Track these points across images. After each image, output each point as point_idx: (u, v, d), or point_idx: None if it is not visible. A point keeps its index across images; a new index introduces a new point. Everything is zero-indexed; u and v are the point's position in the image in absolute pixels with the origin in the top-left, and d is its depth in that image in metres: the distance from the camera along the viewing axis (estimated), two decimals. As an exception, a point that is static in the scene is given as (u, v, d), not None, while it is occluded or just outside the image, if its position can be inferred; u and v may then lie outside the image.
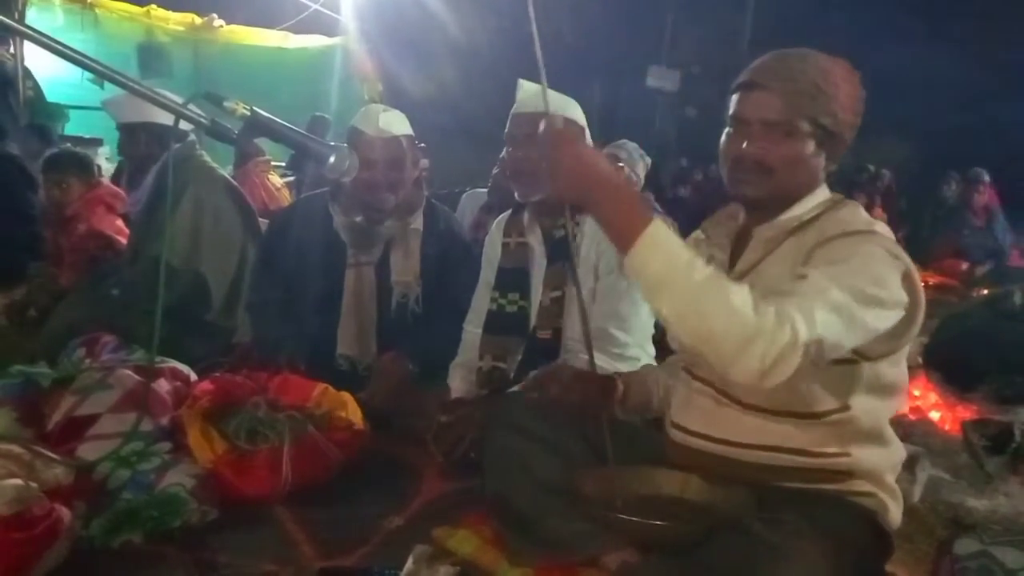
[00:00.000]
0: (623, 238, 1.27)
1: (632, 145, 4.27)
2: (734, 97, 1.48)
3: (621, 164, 4.06)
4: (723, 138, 1.50)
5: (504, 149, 2.99)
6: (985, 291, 5.23)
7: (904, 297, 1.33)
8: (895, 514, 1.46)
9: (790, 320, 1.20)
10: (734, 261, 1.53)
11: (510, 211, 2.46)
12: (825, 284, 1.25)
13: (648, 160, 4.34)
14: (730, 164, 1.48)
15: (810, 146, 1.43)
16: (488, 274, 2.44)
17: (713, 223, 1.66)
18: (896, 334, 1.36)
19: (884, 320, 1.31)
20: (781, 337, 1.19)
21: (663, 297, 1.25)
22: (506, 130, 2.28)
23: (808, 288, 1.26)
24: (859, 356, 1.37)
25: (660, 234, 1.25)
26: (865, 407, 1.41)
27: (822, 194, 1.51)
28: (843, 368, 1.38)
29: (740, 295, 1.22)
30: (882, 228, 1.42)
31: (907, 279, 1.34)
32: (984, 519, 2.04)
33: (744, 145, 1.45)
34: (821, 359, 1.25)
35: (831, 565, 1.20)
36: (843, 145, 1.47)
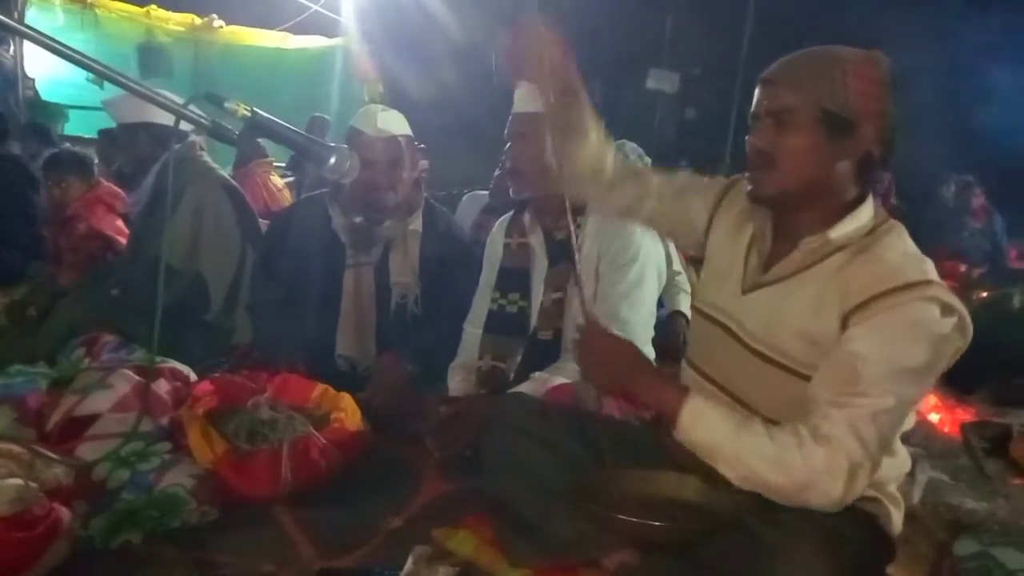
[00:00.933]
0: (666, 415, 1.40)
1: (631, 145, 4.26)
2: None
3: None
4: None
5: (503, 150, 2.99)
6: (984, 293, 5.23)
7: (951, 356, 1.34)
8: (896, 519, 1.45)
9: (842, 450, 1.25)
10: (772, 259, 1.48)
11: (512, 212, 2.46)
12: (876, 396, 1.26)
13: (648, 161, 4.34)
14: (747, 163, 1.46)
15: (818, 136, 1.35)
16: (489, 274, 2.44)
17: (739, 206, 1.60)
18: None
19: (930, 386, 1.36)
20: (838, 472, 1.24)
21: (717, 462, 1.34)
22: (506, 130, 2.29)
23: (860, 407, 1.26)
24: None
25: (695, 411, 1.36)
26: None
27: (867, 211, 1.41)
28: None
29: (783, 446, 1.28)
30: (932, 271, 1.33)
31: (959, 327, 1.31)
32: (984, 521, 2.04)
33: (751, 138, 1.43)
34: (879, 462, 1.30)
35: (830, 565, 1.20)
36: (863, 139, 1.35)
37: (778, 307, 1.41)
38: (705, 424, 1.35)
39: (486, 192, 3.87)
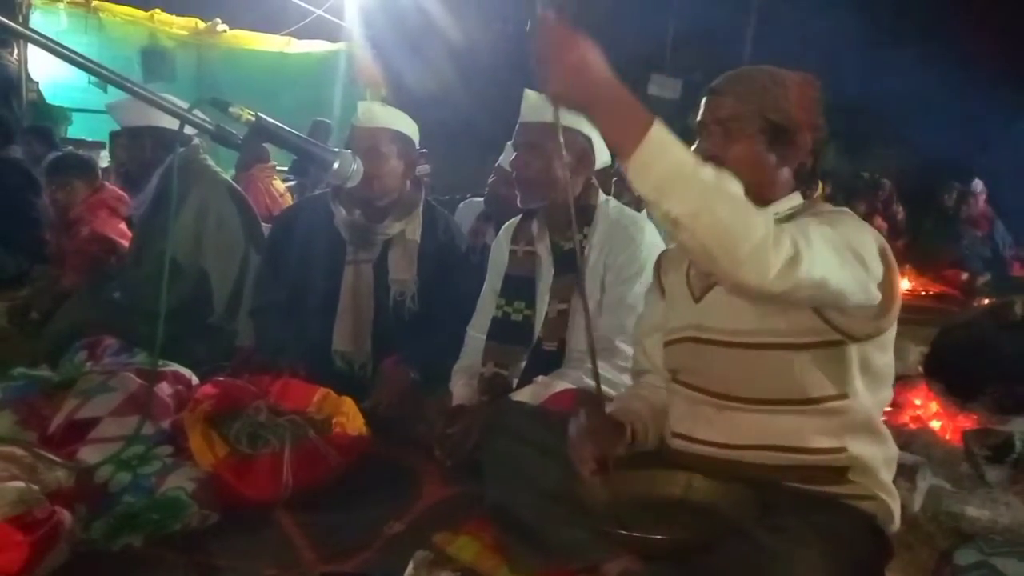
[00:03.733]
0: (625, 141, 1.21)
1: None
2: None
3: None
4: None
5: (499, 157, 3.01)
6: (986, 301, 5.23)
7: (880, 268, 1.36)
8: (894, 516, 1.47)
9: (789, 236, 1.22)
10: None
11: (519, 217, 2.46)
12: (815, 227, 1.30)
13: None
14: None
15: (761, 143, 1.47)
16: (494, 280, 2.45)
17: (673, 253, 1.72)
18: (878, 314, 1.39)
19: (866, 283, 1.32)
20: (782, 250, 1.20)
21: (673, 197, 1.20)
22: (513, 139, 2.30)
23: (800, 225, 1.30)
24: (845, 336, 1.40)
25: (663, 135, 1.22)
26: (858, 394, 1.44)
27: (796, 199, 1.53)
28: (833, 351, 1.42)
29: (749, 203, 1.24)
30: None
31: (882, 253, 1.38)
32: (985, 529, 2.04)
33: (701, 144, 1.52)
34: (819, 290, 1.26)
35: (833, 570, 1.20)
36: (801, 148, 1.49)
37: (730, 294, 1.43)
38: (671, 153, 1.21)
39: (481, 199, 3.86)
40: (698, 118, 1.55)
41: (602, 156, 2.27)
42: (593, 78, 1.24)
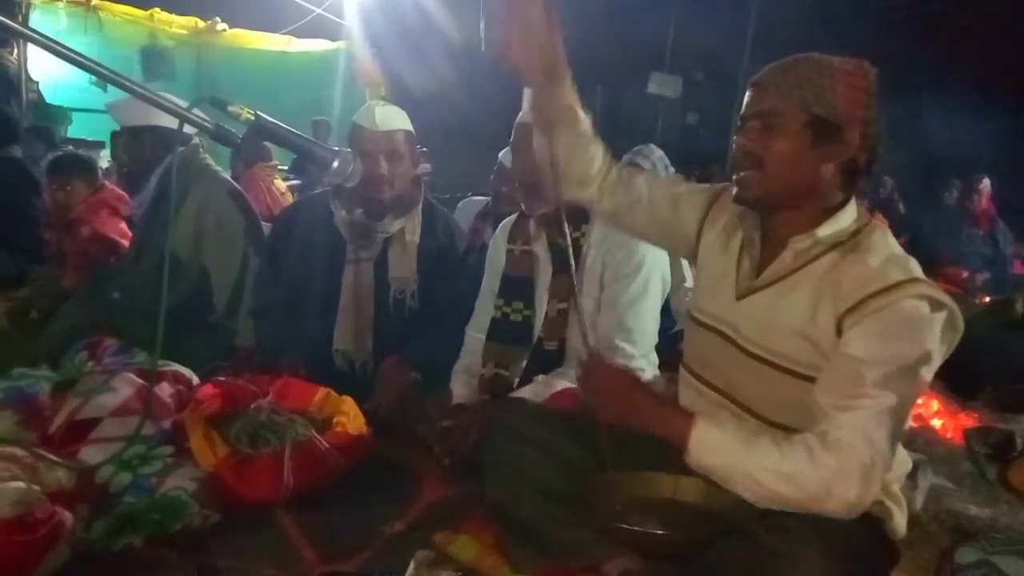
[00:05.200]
0: (676, 443, 1.36)
1: (659, 154, 4.20)
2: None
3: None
4: None
5: (500, 153, 3.00)
6: (987, 299, 5.22)
7: (945, 350, 1.36)
8: (900, 522, 1.46)
9: (852, 453, 1.25)
10: (763, 264, 1.50)
11: (515, 216, 2.45)
12: (879, 397, 1.28)
13: (672, 169, 4.31)
14: (732, 163, 1.50)
15: (805, 139, 1.38)
16: (492, 280, 2.44)
17: (728, 213, 1.62)
18: None
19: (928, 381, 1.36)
20: (851, 477, 1.25)
21: (732, 484, 1.33)
22: (511, 140, 2.29)
23: (864, 408, 1.28)
24: None
25: (706, 435, 1.34)
26: None
27: (851, 213, 1.44)
28: None
29: (794, 459, 1.28)
30: (917, 269, 1.37)
31: (950, 321, 1.34)
32: (986, 527, 2.03)
33: (738, 139, 1.46)
34: (890, 461, 1.31)
35: (833, 570, 1.20)
36: (850, 144, 1.38)
37: (773, 310, 1.44)
38: (715, 448, 1.33)
39: (480, 198, 3.86)
40: (741, 111, 1.47)
41: None
42: (637, 408, 1.44)
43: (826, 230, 1.42)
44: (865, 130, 1.38)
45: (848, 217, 1.44)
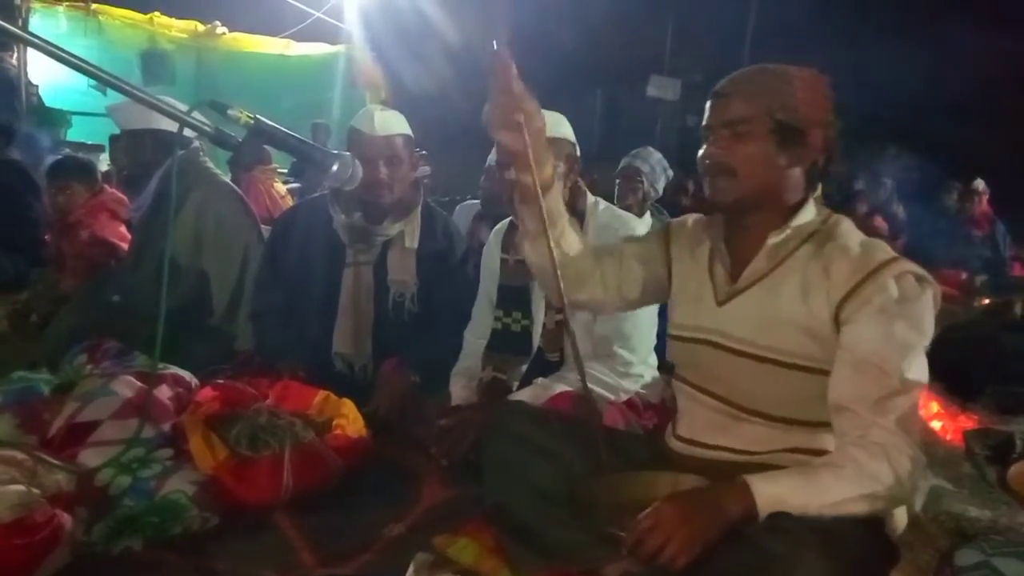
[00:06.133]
0: (747, 520, 1.30)
1: (657, 157, 4.21)
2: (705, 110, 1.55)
3: (641, 180, 4.06)
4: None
5: (490, 155, 3.02)
6: (986, 301, 5.23)
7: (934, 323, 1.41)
8: (900, 520, 1.47)
9: (899, 452, 1.30)
10: (737, 267, 1.54)
11: (507, 223, 2.45)
12: (910, 387, 1.33)
13: (671, 173, 4.32)
14: (702, 171, 1.54)
15: (770, 144, 1.45)
16: (488, 286, 2.45)
17: (688, 234, 1.69)
18: None
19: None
20: (906, 474, 1.30)
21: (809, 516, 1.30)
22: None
23: (902, 405, 1.33)
24: None
25: (766, 498, 1.30)
26: None
27: (812, 206, 1.52)
28: None
29: (858, 481, 1.30)
30: (890, 250, 1.44)
31: (935, 292, 1.41)
32: (986, 529, 2.04)
33: (709, 149, 1.51)
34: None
35: (835, 573, 1.20)
36: (812, 147, 1.47)
37: (766, 306, 1.48)
38: (782, 503, 1.30)
39: (477, 201, 3.87)
40: (704, 122, 1.53)
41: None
42: (706, 536, 1.28)
43: (797, 221, 1.49)
44: (825, 133, 1.48)
45: (811, 210, 1.52)
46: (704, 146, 1.53)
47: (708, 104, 1.53)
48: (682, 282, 1.66)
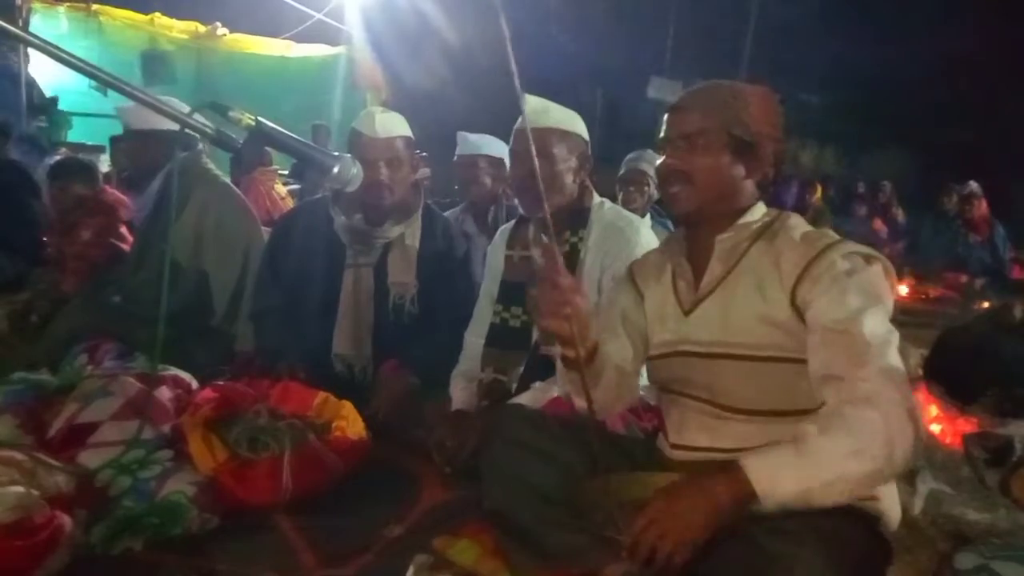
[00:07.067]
0: (752, 502, 1.28)
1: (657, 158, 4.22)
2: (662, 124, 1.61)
3: (647, 182, 4.09)
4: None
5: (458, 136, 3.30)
6: (985, 304, 5.23)
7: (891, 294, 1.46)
8: (894, 517, 1.46)
9: (889, 399, 1.28)
10: (698, 277, 1.59)
11: (514, 222, 2.47)
12: (878, 339, 1.34)
13: None
14: (660, 182, 1.62)
15: (725, 156, 1.53)
16: (491, 284, 2.45)
17: (651, 265, 1.74)
18: None
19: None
20: (901, 419, 1.27)
21: (822, 499, 1.28)
22: (510, 146, 2.30)
23: (876, 354, 1.33)
24: None
25: (758, 469, 1.28)
26: None
27: (760, 209, 1.59)
28: None
29: (845, 435, 1.27)
30: (836, 235, 1.52)
31: (884, 266, 1.47)
32: (985, 532, 2.03)
33: (667, 160, 1.58)
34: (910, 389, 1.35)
35: (832, 572, 1.20)
36: (763, 160, 1.55)
37: (727, 306, 1.53)
38: (779, 472, 1.28)
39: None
40: (661, 135, 1.60)
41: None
42: (698, 524, 1.28)
43: (743, 220, 1.57)
44: (776, 147, 1.57)
45: (759, 210, 1.59)
46: (662, 159, 1.60)
47: (665, 117, 1.61)
48: (653, 309, 1.70)
